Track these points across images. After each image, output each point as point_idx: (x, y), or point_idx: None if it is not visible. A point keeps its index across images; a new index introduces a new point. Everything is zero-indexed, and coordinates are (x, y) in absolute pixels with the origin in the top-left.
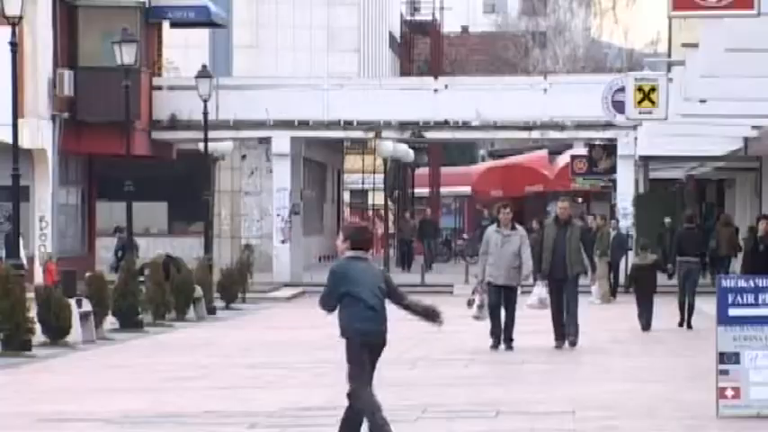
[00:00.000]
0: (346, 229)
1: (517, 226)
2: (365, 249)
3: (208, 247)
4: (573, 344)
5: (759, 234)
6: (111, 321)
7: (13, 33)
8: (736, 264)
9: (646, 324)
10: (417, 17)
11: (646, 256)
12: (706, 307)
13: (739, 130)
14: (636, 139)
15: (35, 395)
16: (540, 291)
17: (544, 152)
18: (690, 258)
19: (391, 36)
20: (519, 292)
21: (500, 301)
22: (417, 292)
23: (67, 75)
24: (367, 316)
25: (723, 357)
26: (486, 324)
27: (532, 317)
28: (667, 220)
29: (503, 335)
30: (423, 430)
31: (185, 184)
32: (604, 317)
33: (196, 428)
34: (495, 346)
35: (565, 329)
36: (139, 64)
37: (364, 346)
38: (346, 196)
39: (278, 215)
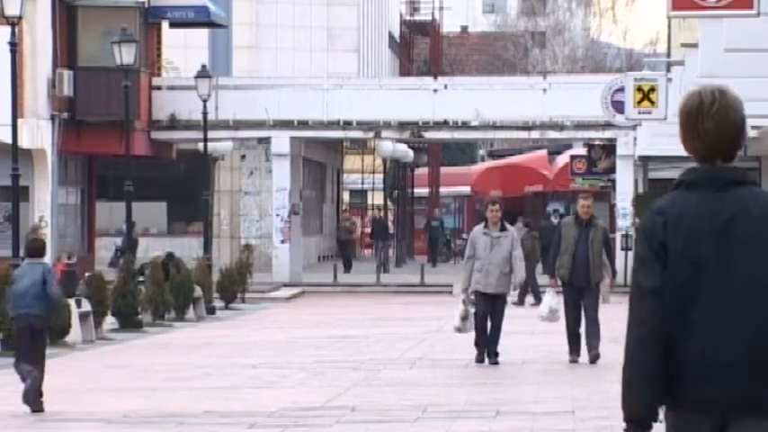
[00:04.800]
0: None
1: (507, 226)
2: (41, 256)
3: (207, 247)
4: (596, 357)
5: None
6: (110, 321)
7: (13, 33)
8: None
9: None
10: (417, 17)
11: None
12: None
13: None
14: (635, 138)
15: None
16: (551, 300)
17: (543, 152)
18: None
19: (391, 36)
20: (508, 300)
21: (488, 310)
22: (417, 293)
23: (67, 75)
24: (27, 303)
25: None
26: (471, 335)
27: (529, 317)
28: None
29: (488, 348)
30: (423, 430)
31: (185, 184)
32: (604, 317)
33: (196, 428)
34: (481, 359)
35: (580, 342)
36: (139, 64)
37: (26, 330)
38: (346, 196)
39: (277, 215)
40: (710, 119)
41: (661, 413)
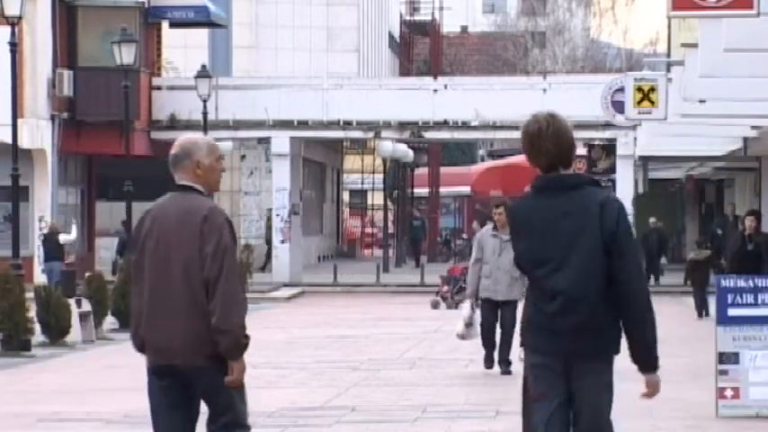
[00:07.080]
0: None
1: None
2: None
3: None
4: None
5: (747, 232)
6: (110, 321)
7: (13, 33)
8: None
9: (704, 312)
10: (417, 17)
11: (701, 252)
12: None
13: (739, 130)
14: (635, 139)
15: (35, 395)
16: None
17: None
18: None
19: (391, 36)
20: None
21: (495, 319)
22: (417, 293)
23: (67, 75)
24: None
25: (722, 357)
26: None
27: None
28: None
29: (498, 356)
30: (422, 430)
31: None
32: None
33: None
34: (490, 367)
35: None
36: (139, 64)
37: None
38: (346, 196)
39: (277, 215)
40: (549, 139)
41: (521, 353)
